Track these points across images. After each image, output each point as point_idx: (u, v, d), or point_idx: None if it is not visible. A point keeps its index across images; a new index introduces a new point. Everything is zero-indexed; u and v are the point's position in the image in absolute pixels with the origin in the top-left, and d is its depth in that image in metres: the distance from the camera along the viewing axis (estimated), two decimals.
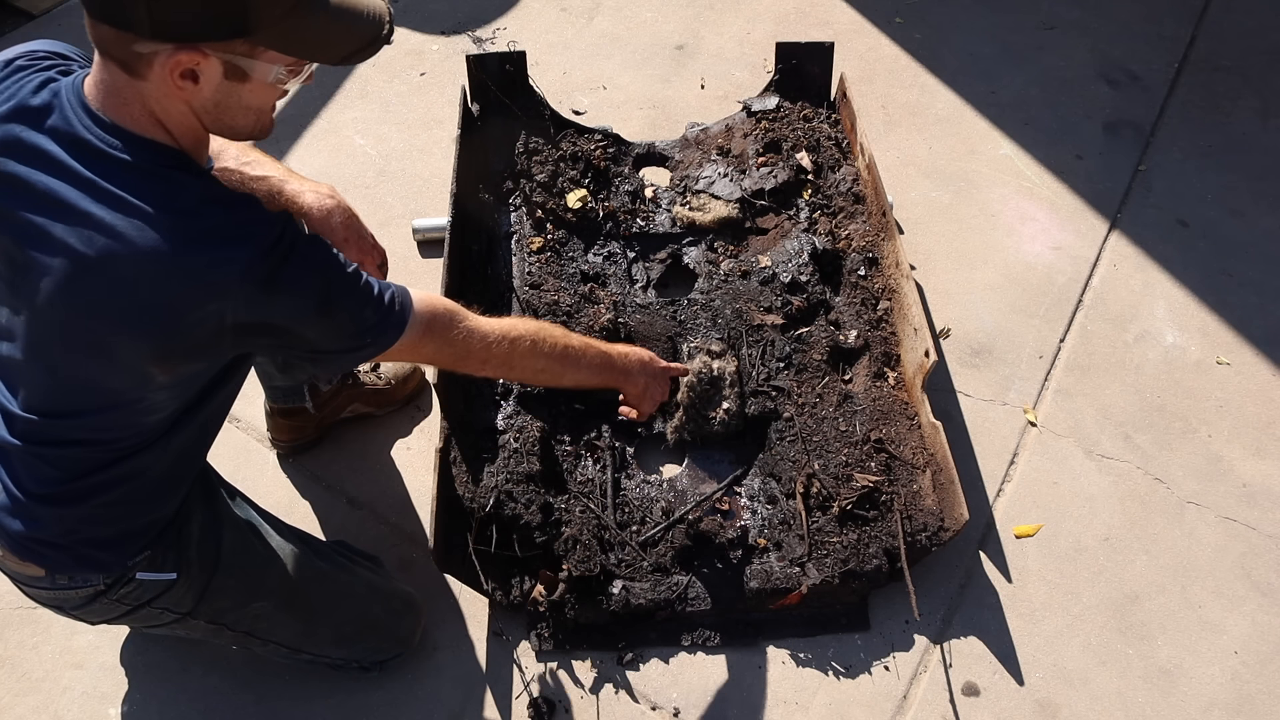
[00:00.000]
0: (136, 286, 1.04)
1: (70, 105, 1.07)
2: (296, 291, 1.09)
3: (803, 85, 2.51)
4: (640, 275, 2.25)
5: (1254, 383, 2.18)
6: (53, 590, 1.29)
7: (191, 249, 1.03)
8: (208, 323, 1.06)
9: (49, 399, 1.17)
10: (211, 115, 1.11)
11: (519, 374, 1.50)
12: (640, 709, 1.70)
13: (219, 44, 1.03)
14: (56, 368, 1.14)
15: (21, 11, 3.17)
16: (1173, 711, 1.70)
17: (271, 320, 1.09)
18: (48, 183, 1.05)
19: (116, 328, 1.06)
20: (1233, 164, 2.65)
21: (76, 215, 1.03)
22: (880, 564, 1.75)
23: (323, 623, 1.57)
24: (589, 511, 1.84)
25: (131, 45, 1.01)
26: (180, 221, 1.04)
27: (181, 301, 1.04)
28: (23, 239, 1.07)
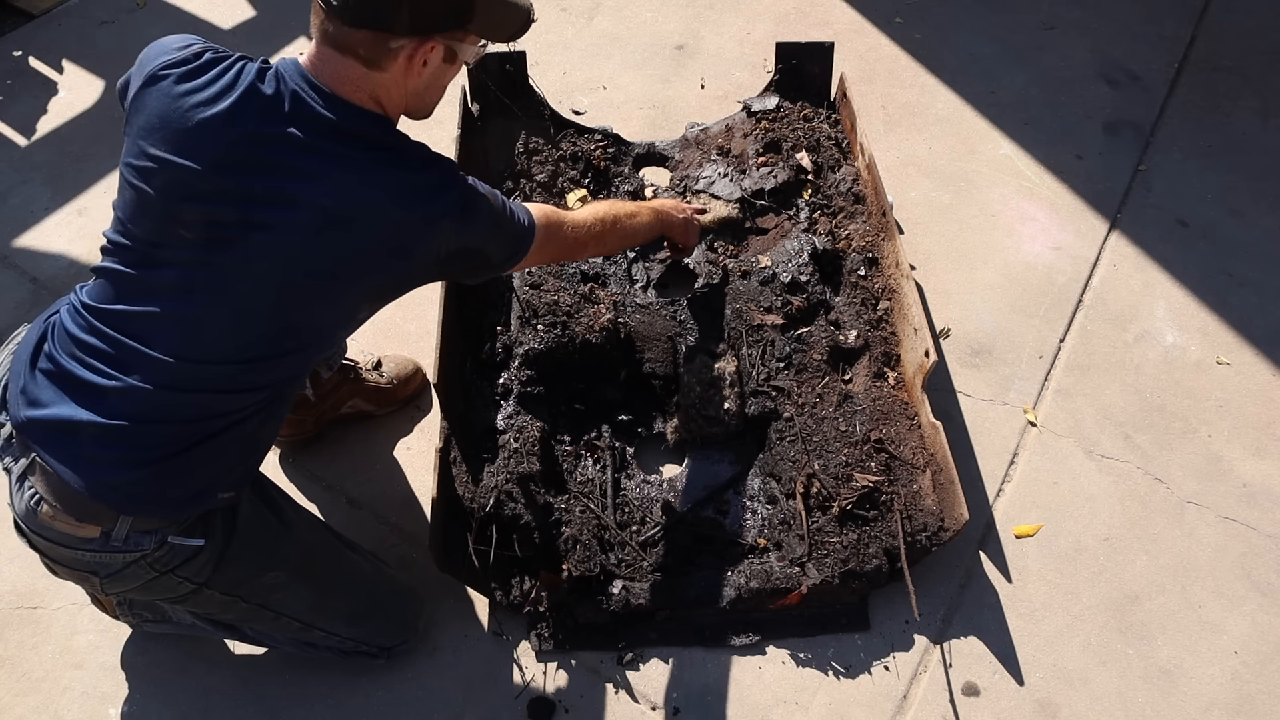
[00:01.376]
0: (384, 230, 1.25)
1: (302, 90, 1.25)
2: (480, 214, 1.37)
3: (803, 85, 2.51)
4: (640, 275, 2.25)
5: (1254, 383, 2.18)
6: (100, 553, 1.30)
7: (422, 201, 1.28)
8: (430, 256, 1.32)
9: (224, 345, 1.28)
10: (419, 96, 1.34)
11: (610, 249, 1.82)
12: (640, 709, 1.70)
13: (447, 34, 1.28)
14: (260, 313, 1.27)
15: (21, 11, 3.17)
16: (1173, 711, 1.70)
17: (469, 244, 1.36)
18: (292, 158, 1.23)
19: (360, 269, 1.28)
20: (1233, 164, 2.65)
21: (325, 179, 1.22)
22: (880, 564, 1.75)
23: (335, 596, 1.59)
24: (589, 511, 1.84)
25: (387, 43, 1.23)
26: (412, 179, 1.28)
27: (416, 244, 1.29)
28: (257, 206, 1.22)
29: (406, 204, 1.26)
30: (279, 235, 1.23)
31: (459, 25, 1.27)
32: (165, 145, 1.23)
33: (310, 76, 1.25)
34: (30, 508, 1.29)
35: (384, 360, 2.10)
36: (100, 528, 1.28)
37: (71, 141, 2.77)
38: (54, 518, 1.28)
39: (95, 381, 1.26)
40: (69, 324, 1.31)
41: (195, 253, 1.25)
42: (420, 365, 2.15)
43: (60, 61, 3.03)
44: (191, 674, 1.73)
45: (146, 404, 1.26)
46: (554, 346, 2.00)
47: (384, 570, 1.71)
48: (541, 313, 2.05)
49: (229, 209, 1.23)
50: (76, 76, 2.97)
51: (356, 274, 1.29)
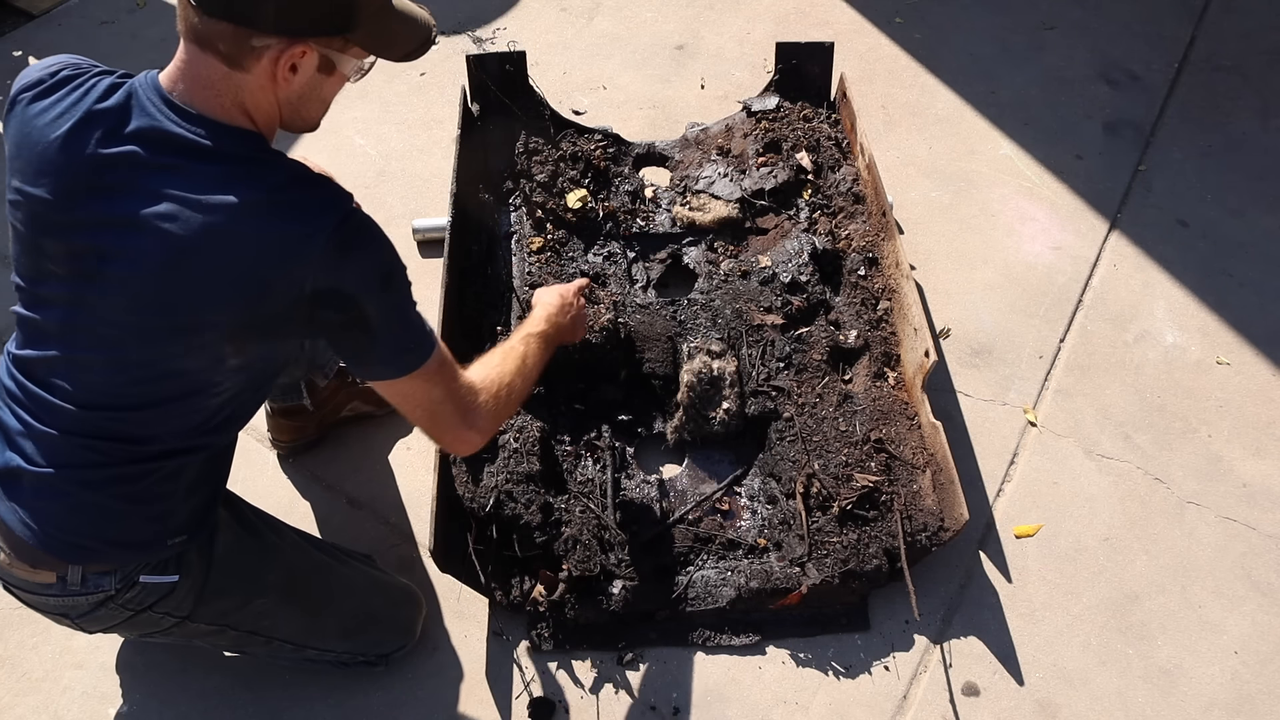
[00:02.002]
0: (234, 260, 1.12)
1: (152, 102, 1.14)
2: (364, 253, 1.18)
3: (803, 85, 2.51)
4: (640, 275, 2.25)
5: (1254, 383, 2.18)
6: (61, 597, 1.29)
7: (283, 221, 1.12)
8: (292, 290, 1.13)
9: (108, 392, 1.21)
10: (293, 106, 1.21)
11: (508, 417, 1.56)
12: (640, 709, 1.70)
13: (324, 39, 1.16)
14: (128, 358, 1.18)
15: (21, 11, 3.17)
16: (1173, 711, 1.70)
17: (342, 285, 1.15)
18: (135, 180, 1.12)
19: (211, 302, 1.14)
20: (1233, 164, 2.65)
21: (169, 201, 1.10)
22: (880, 564, 1.75)
23: (327, 615, 1.57)
24: (589, 511, 1.84)
25: (248, 40, 1.11)
26: (272, 197, 1.13)
27: (274, 270, 1.13)
28: (106, 236, 1.13)
29: (260, 222, 1.11)
30: (129, 267, 1.13)
31: (336, 32, 1.15)
32: (20, 175, 1.17)
33: (163, 89, 1.14)
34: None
35: None
36: (55, 573, 1.27)
37: None
38: (10, 564, 1.27)
39: (19, 429, 1.23)
40: (4, 369, 1.29)
41: (67, 290, 1.17)
42: None
43: None
44: (191, 674, 1.73)
45: (61, 452, 1.22)
46: None
47: (379, 578, 1.69)
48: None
49: (84, 240, 1.14)
50: None
51: (206, 307, 1.14)
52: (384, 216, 2.53)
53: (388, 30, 1.21)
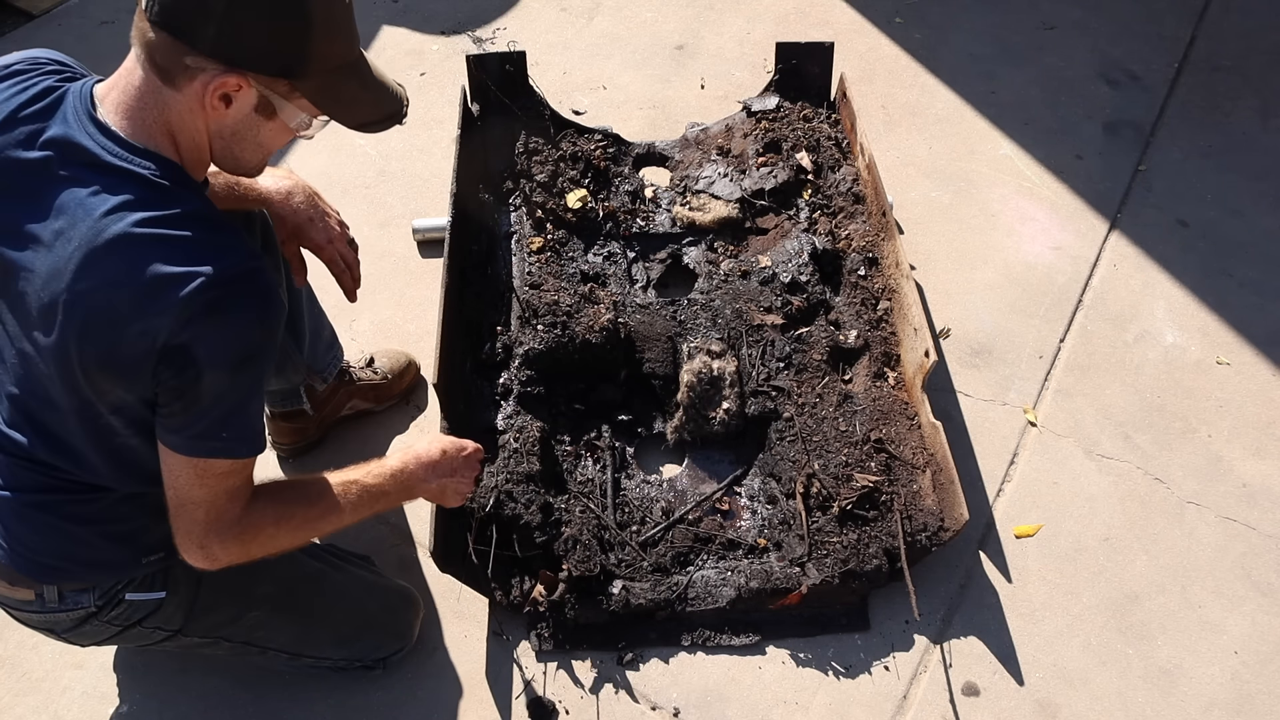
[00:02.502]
0: (94, 291, 1.03)
1: (75, 111, 1.08)
2: (231, 323, 1.06)
3: (803, 85, 2.51)
4: (640, 275, 2.25)
5: (1254, 383, 2.18)
6: (43, 613, 1.29)
7: (162, 260, 1.02)
8: (144, 340, 1.04)
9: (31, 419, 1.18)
10: (224, 143, 1.14)
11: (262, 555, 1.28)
12: (640, 709, 1.70)
13: (264, 78, 1.08)
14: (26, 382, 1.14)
15: (21, 11, 3.17)
16: (1173, 711, 1.70)
17: (192, 347, 1.04)
18: (34, 188, 1.07)
19: (66, 335, 1.06)
20: (1233, 164, 2.65)
21: (57, 218, 1.05)
22: (880, 564, 1.75)
23: (320, 624, 1.57)
24: (589, 511, 1.84)
25: (182, 56, 1.04)
26: (160, 231, 1.04)
27: (126, 310, 1.03)
28: (11, 244, 1.08)
29: (138, 255, 1.02)
30: (22, 283, 1.08)
31: (280, 74, 1.08)
32: None
33: (93, 99, 1.09)
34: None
35: (376, 356, 2.10)
36: (32, 591, 1.26)
37: None
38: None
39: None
40: None
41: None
42: (413, 358, 2.14)
43: None
44: (191, 675, 1.73)
45: (12, 475, 1.20)
46: (554, 346, 2.00)
47: (374, 582, 1.67)
48: (541, 313, 2.05)
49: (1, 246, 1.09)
50: None
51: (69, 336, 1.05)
52: (384, 216, 2.53)
53: (345, 91, 1.13)
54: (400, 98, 1.21)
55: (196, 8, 1.00)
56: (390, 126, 1.20)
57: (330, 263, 1.67)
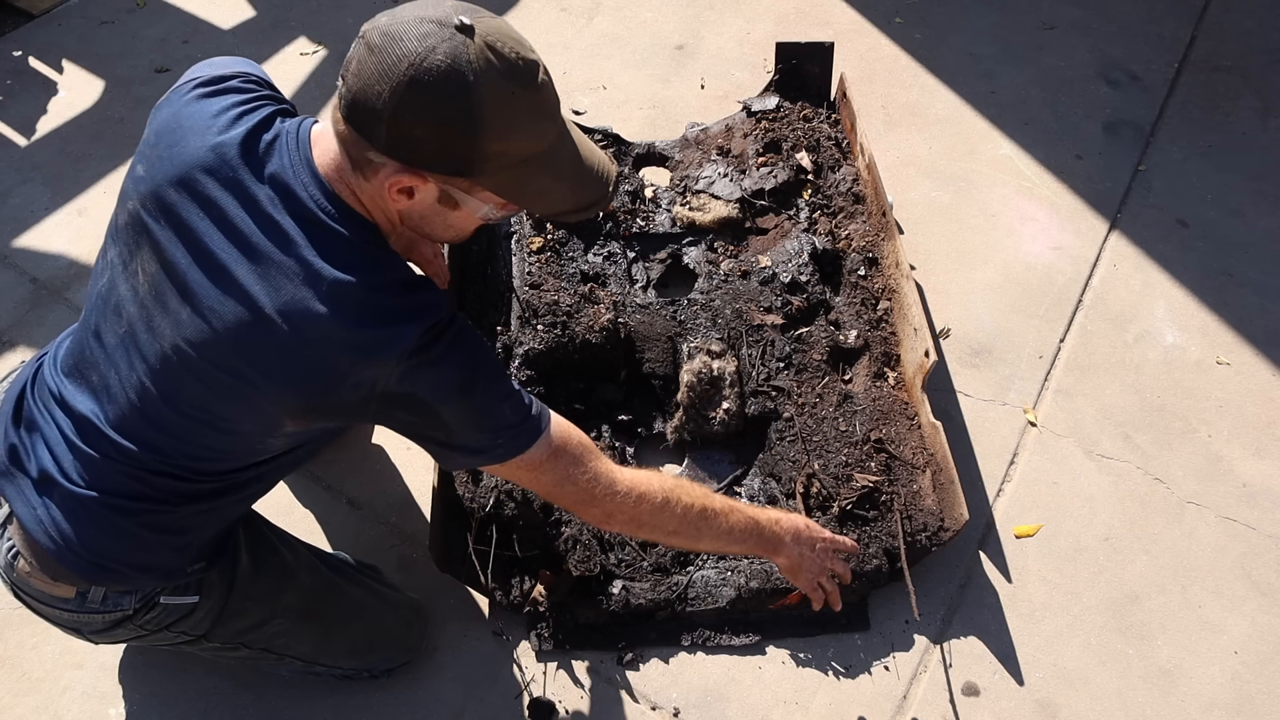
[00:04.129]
0: (307, 346, 1.07)
1: (292, 156, 1.11)
2: (445, 365, 1.12)
3: (803, 85, 2.51)
4: (640, 275, 2.25)
5: (1254, 383, 2.18)
6: (79, 613, 1.27)
7: (368, 323, 1.07)
8: (361, 389, 1.09)
9: (151, 428, 1.16)
10: (414, 222, 1.16)
11: (648, 532, 1.39)
12: (640, 709, 1.70)
13: (441, 176, 1.07)
14: (182, 395, 1.13)
15: (21, 11, 3.17)
16: (1173, 711, 1.70)
17: (416, 392, 1.11)
18: (244, 223, 1.08)
19: (273, 380, 1.09)
20: (1233, 164, 2.65)
21: (266, 264, 1.07)
22: (880, 564, 1.75)
23: (339, 636, 1.57)
24: None
25: (365, 151, 1.05)
26: (367, 296, 1.07)
27: (345, 368, 1.08)
28: (197, 269, 1.09)
29: (346, 314, 1.06)
30: (208, 314, 1.08)
31: (456, 174, 1.07)
32: (147, 163, 1.14)
33: (308, 147, 1.12)
34: (9, 560, 1.25)
35: None
36: (75, 588, 1.25)
37: (71, 141, 2.77)
38: (30, 574, 1.24)
39: (59, 439, 1.21)
40: (49, 373, 1.26)
41: (141, 308, 1.13)
42: None
43: (60, 61, 3.03)
44: (191, 674, 1.73)
45: (103, 477, 1.19)
46: (554, 346, 2.00)
47: (388, 596, 1.67)
48: (541, 313, 2.05)
49: (175, 259, 1.10)
50: (76, 76, 2.97)
51: (271, 383, 1.09)
52: None
53: (532, 184, 1.10)
54: (604, 179, 1.17)
55: (369, 108, 1.01)
56: (593, 214, 1.19)
57: (435, 276, 1.76)
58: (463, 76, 1.00)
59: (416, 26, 1.00)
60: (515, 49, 1.05)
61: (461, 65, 1.00)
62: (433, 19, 1.01)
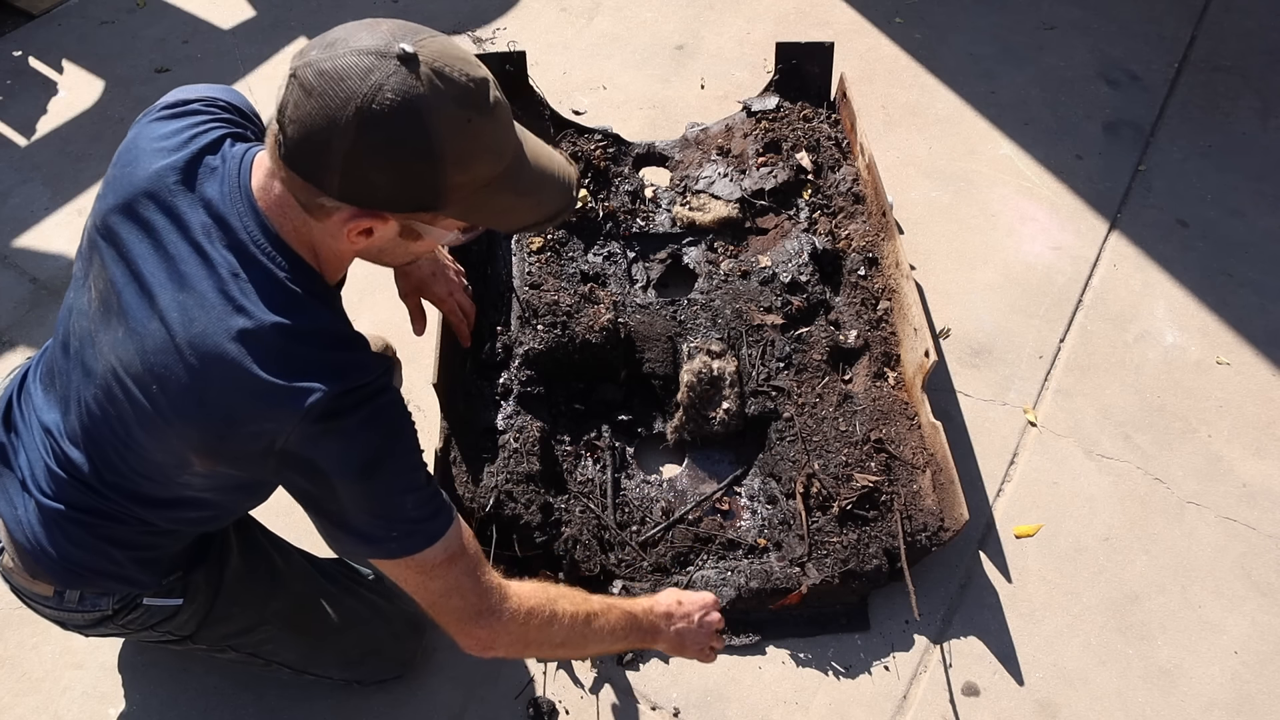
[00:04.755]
0: (208, 383, 1.01)
1: (231, 183, 1.06)
2: (352, 439, 1.04)
3: (803, 85, 2.51)
4: (640, 275, 2.25)
5: (1254, 383, 2.18)
6: (59, 610, 1.29)
7: (277, 372, 1.00)
8: (260, 440, 1.03)
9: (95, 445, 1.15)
10: (372, 255, 1.13)
11: (534, 651, 1.33)
12: (640, 709, 1.70)
13: (403, 214, 1.03)
14: (112, 418, 1.11)
15: (21, 11, 3.17)
16: (1173, 711, 1.70)
17: (315, 460, 1.04)
18: (174, 246, 1.05)
19: (176, 412, 1.04)
20: (1233, 164, 2.65)
21: (188, 292, 1.02)
22: (880, 564, 1.75)
23: (329, 646, 1.56)
24: (589, 511, 1.84)
25: (316, 197, 0.99)
26: (284, 343, 1.02)
27: (244, 413, 1.02)
28: (132, 286, 1.06)
29: (256, 360, 1.00)
30: (130, 336, 1.06)
31: (418, 210, 1.02)
32: (106, 182, 1.14)
33: (250, 181, 1.07)
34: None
35: None
36: (52, 588, 1.26)
37: (71, 141, 2.77)
38: (13, 569, 1.27)
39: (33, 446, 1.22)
40: (30, 379, 1.28)
41: (90, 323, 1.12)
42: (387, 340, 2.15)
43: (60, 61, 3.03)
44: (191, 674, 1.73)
45: (64, 490, 1.19)
46: (554, 346, 2.00)
47: (383, 608, 1.62)
48: (541, 313, 2.05)
49: (117, 277, 1.07)
50: (76, 76, 2.97)
51: (174, 413, 1.04)
52: None
53: (495, 204, 1.06)
54: (566, 186, 1.13)
55: (316, 156, 0.95)
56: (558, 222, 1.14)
57: (450, 314, 1.78)
58: (415, 112, 0.93)
59: (356, 61, 0.93)
60: (463, 70, 0.97)
61: (412, 99, 0.93)
62: (371, 50, 0.94)
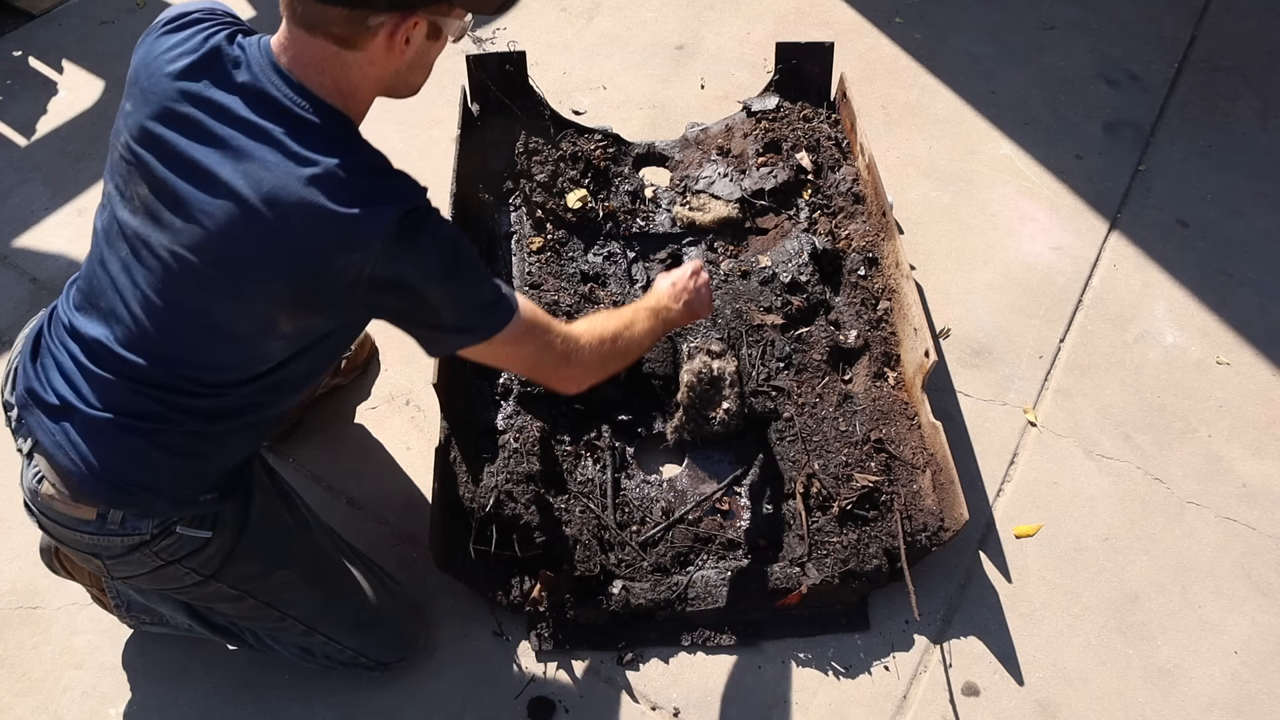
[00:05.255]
0: (293, 230, 1.12)
1: (259, 63, 1.18)
2: (428, 250, 1.19)
3: (803, 85, 2.51)
4: (640, 275, 2.25)
5: (1254, 383, 2.18)
6: (98, 536, 1.30)
7: (349, 203, 1.12)
8: (349, 272, 1.14)
9: (159, 340, 1.22)
10: (401, 76, 1.25)
11: (612, 368, 1.55)
12: (640, 709, 1.70)
13: (430, 8, 1.17)
14: (183, 305, 1.20)
15: (21, 11, 3.17)
16: (1173, 711, 1.70)
17: (403, 276, 1.17)
18: (222, 130, 1.15)
19: (263, 269, 1.15)
20: (1233, 164, 2.65)
21: (248, 160, 1.13)
22: (880, 564, 1.75)
23: (341, 602, 1.59)
24: (589, 511, 1.84)
25: (365, 20, 1.13)
26: (348, 179, 1.14)
27: (331, 249, 1.13)
28: (188, 178, 1.16)
29: (329, 201, 1.12)
30: (200, 216, 1.15)
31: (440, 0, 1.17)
32: (133, 99, 1.22)
33: (274, 55, 1.18)
34: (34, 486, 1.30)
35: None
36: (95, 509, 1.29)
37: (71, 141, 2.77)
38: (53, 497, 1.28)
39: (73, 367, 1.27)
40: (61, 310, 1.33)
41: (140, 225, 1.21)
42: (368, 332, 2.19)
43: (60, 61, 3.03)
44: (191, 674, 1.73)
45: (115, 396, 1.25)
46: None
47: (390, 586, 1.69)
48: None
49: (167, 174, 1.17)
50: (76, 76, 2.97)
51: (263, 273, 1.16)
52: None
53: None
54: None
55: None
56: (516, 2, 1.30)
57: None
58: None
59: None
60: None
61: None
62: None
